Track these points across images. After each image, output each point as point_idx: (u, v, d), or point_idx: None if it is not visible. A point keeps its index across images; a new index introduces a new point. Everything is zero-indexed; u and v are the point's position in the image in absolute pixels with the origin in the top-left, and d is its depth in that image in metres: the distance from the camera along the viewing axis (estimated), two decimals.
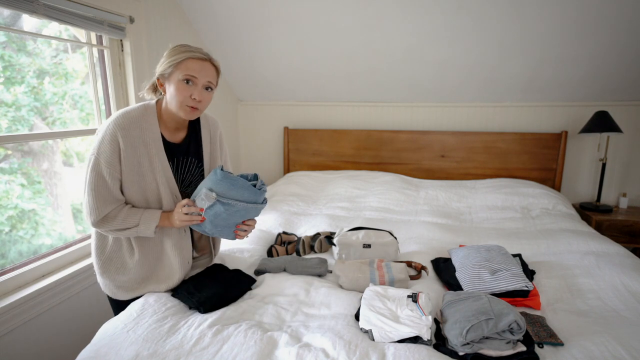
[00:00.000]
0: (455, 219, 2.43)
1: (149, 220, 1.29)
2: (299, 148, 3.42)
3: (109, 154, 1.23)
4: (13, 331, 1.60)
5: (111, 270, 1.38)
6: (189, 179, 1.43)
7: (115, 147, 1.24)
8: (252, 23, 2.69)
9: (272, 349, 1.14)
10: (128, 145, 1.25)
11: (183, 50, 1.26)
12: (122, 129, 1.25)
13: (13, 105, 1.78)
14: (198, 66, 1.26)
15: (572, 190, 3.03)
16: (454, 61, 2.73)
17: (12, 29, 1.73)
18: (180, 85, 1.25)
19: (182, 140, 1.41)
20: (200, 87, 1.27)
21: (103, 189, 1.25)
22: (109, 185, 1.25)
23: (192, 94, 1.26)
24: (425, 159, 3.17)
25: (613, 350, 1.11)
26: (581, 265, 1.71)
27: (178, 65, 1.25)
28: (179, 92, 1.25)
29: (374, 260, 1.63)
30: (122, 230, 1.28)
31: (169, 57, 1.27)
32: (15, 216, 1.81)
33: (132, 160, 1.27)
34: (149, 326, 1.22)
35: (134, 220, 1.28)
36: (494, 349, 1.10)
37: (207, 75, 1.28)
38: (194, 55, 1.26)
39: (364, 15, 2.50)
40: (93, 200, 1.25)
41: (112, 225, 1.27)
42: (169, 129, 1.37)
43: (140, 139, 1.28)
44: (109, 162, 1.24)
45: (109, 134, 1.24)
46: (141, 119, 1.29)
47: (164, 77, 1.29)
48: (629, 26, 2.28)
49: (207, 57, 1.30)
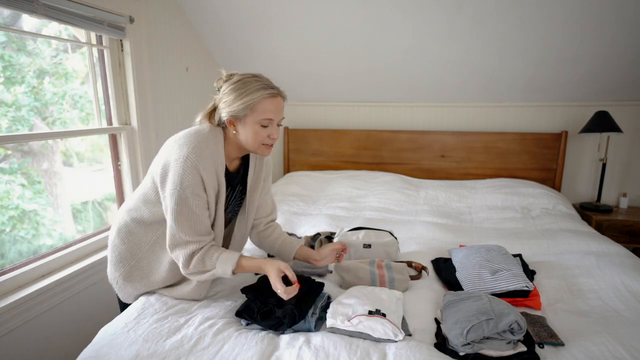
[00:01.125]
0: (456, 219, 2.43)
1: (226, 262, 1.23)
2: (299, 148, 3.42)
3: (195, 185, 1.19)
4: (13, 331, 1.60)
5: (135, 277, 1.37)
6: (233, 206, 1.42)
7: (198, 177, 1.19)
8: (252, 23, 2.69)
9: (273, 349, 1.14)
10: (208, 174, 1.22)
11: (257, 89, 1.20)
12: (201, 159, 1.19)
13: (13, 105, 1.77)
14: (273, 106, 1.22)
15: (572, 190, 3.03)
16: (454, 61, 2.73)
17: (12, 29, 1.73)
18: (257, 128, 1.22)
19: (237, 169, 1.39)
20: (275, 125, 1.26)
21: (195, 222, 1.21)
22: (201, 217, 1.22)
23: (270, 135, 1.25)
24: (425, 159, 3.17)
25: (613, 350, 1.11)
26: (581, 265, 1.71)
27: (253, 107, 1.20)
28: (257, 135, 1.23)
29: (374, 260, 1.63)
30: (203, 272, 1.24)
31: (241, 96, 1.20)
32: (16, 216, 1.81)
33: (210, 191, 1.25)
34: (150, 326, 1.21)
35: (210, 263, 1.23)
36: (494, 349, 1.10)
37: (280, 113, 1.26)
38: (268, 94, 1.21)
39: (364, 15, 2.50)
40: (182, 233, 1.21)
41: (196, 268, 1.23)
42: (230, 158, 1.34)
43: (213, 168, 1.24)
44: (196, 194, 1.20)
45: (189, 166, 1.18)
46: (213, 148, 1.24)
47: (237, 118, 1.23)
48: (629, 26, 2.28)
49: (278, 90, 1.25)
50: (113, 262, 1.39)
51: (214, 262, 1.23)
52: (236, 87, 1.21)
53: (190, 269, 1.24)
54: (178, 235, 1.21)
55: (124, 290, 1.40)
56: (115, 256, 1.38)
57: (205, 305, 1.35)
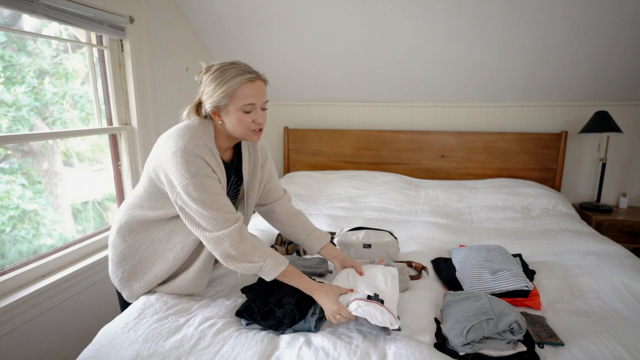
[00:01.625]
0: (456, 219, 2.43)
1: (277, 263, 1.22)
2: (299, 148, 3.42)
3: (204, 169, 1.18)
4: (13, 331, 1.60)
5: (138, 275, 1.38)
6: (229, 197, 1.42)
7: (203, 163, 1.19)
8: (252, 23, 2.69)
9: (273, 349, 1.14)
10: (210, 160, 1.22)
11: (234, 75, 1.19)
12: (196, 146, 1.19)
13: (13, 105, 1.78)
14: (253, 90, 1.21)
15: (572, 190, 3.03)
16: (454, 61, 2.73)
17: (12, 29, 1.73)
18: (241, 115, 1.22)
19: (231, 159, 1.39)
20: (259, 110, 1.25)
21: (220, 202, 1.19)
22: (222, 195, 1.21)
23: (255, 120, 1.24)
24: (426, 159, 3.17)
25: (613, 350, 1.11)
26: (581, 265, 1.71)
27: (233, 94, 1.19)
28: (241, 122, 1.22)
29: (375, 260, 1.63)
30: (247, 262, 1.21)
31: (220, 85, 1.19)
32: (17, 216, 1.81)
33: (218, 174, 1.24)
34: (150, 326, 1.22)
35: (260, 256, 1.21)
36: (494, 349, 1.10)
37: (262, 96, 1.24)
38: (245, 79, 1.19)
39: (364, 15, 2.50)
40: (213, 211, 1.18)
41: (244, 252, 1.21)
42: (221, 149, 1.34)
43: (212, 157, 1.24)
44: (208, 176, 1.19)
45: (190, 154, 1.17)
46: (205, 138, 1.24)
47: (219, 108, 1.23)
48: (629, 26, 2.28)
49: (257, 75, 1.24)
50: (115, 262, 1.39)
51: (265, 258, 1.21)
52: (215, 76, 1.21)
53: (238, 251, 1.19)
54: (214, 217, 1.18)
55: (127, 289, 1.40)
56: (117, 255, 1.38)
57: (205, 305, 1.35)
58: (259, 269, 1.22)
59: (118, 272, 1.39)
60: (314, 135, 3.37)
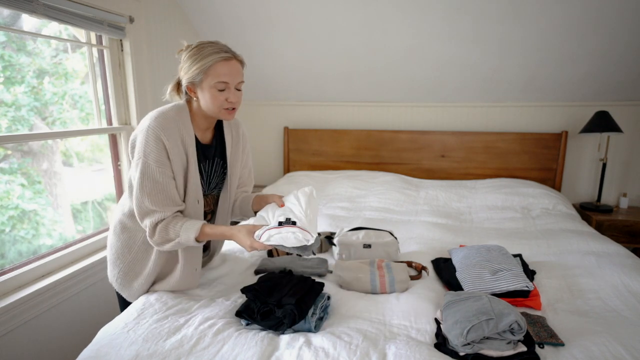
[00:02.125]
0: (456, 219, 2.43)
1: (189, 229, 1.24)
2: (299, 148, 3.42)
3: (157, 154, 1.21)
4: (13, 331, 1.60)
5: (132, 273, 1.38)
6: (215, 180, 1.43)
7: (161, 145, 1.22)
8: (252, 23, 2.69)
9: (273, 349, 1.13)
10: (172, 143, 1.24)
11: (209, 53, 1.22)
12: (163, 128, 1.22)
13: (13, 105, 1.77)
14: (227, 69, 1.23)
15: (572, 190, 3.03)
16: (454, 61, 2.73)
17: (12, 28, 1.73)
18: (214, 92, 1.24)
19: (210, 140, 1.40)
20: (233, 89, 1.27)
21: (159, 191, 1.22)
22: (165, 185, 1.23)
23: (228, 98, 1.26)
24: (425, 159, 3.17)
25: (614, 351, 1.11)
26: (581, 265, 1.71)
27: (207, 71, 1.22)
28: (214, 99, 1.24)
29: (374, 260, 1.63)
30: (168, 241, 1.25)
31: (195, 62, 1.22)
32: (16, 216, 1.81)
33: (176, 158, 1.26)
34: (150, 326, 1.21)
35: (174, 232, 1.24)
36: (494, 349, 1.10)
37: (237, 76, 1.27)
38: (220, 57, 1.22)
39: (364, 15, 2.50)
40: (149, 203, 1.22)
41: (161, 237, 1.24)
42: (201, 129, 1.36)
43: (179, 138, 1.27)
44: (159, 162, 1.22)
45: (151, 135, 1.21)
46: (177, 118, 1.27)
47: (194, 85, 1.26)
48: (629, 26, 2.28)
49: (233, 54, 1.27)
50: (111, 261, 1.41)
51: (178, 230, 1.24)
52: (192, 53, 1.24)
53: (155, 239, 1.25)
54: (144, 204, 1.23)
55: (126, 289, 1.41)
56: (113, 254, 1.40)
57: (205, 305, 1.35)
58: (177, 243, 1.25)
59: (115, 272, 1.40)
60: (314, 135, 3.37)
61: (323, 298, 1.33)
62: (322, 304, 1.31)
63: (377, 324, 1.27)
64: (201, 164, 1.36)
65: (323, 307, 1.31)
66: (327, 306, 1.33)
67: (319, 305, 1.29)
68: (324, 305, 1.32)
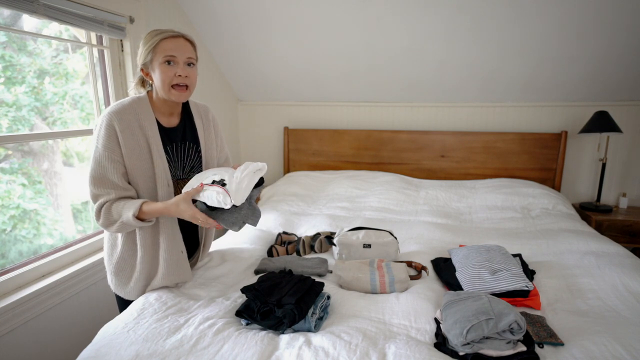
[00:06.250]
0: (455, 219, 2.43)
1: (129, 208, 1.26)
2: (299, 148, 3.42)
3: (106, 139, 1.27)
4: (13, 331, 1.60)
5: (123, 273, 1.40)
6: (190, 164, 1.46)
7: (112, 131, 1.27)
8: (252, 23, 2.70)
9: (273, 349, 1.14)
10: (125, 127, 1.28)
11: (155, 34, 1.30)
12: (115, 113, 1.28)
13: (14, 105, 1.78)
14: (173, 45, 1.29)
15: (572, 190, 3.03)
16: (454, 61, 2.73)
17: (12, 29, 1.73)
18: (163, 67, 1.29)
19: (176, 125, 1.44)
20: (182, 64, 1.31)
21: (102, 175, 1.27)
22: (108, 169, 1.27)
23: (176, 72, 1.30)
24: (425, 159, 3.17)
25: (613, 350, 1.11)
26: (581, 265, 1.71)
27: (154, 49, 1.28)
28: (163, 74, 1.29)
29: (374, 260, 1.63)
30: (112, 223, 1.28)
31: (144, 45, 1.31)
32: (17, 216, 1.81)
33: (131, 142, 1.29)
34: (149, 326, 1.22)
35: (117, 212, 1.27)
36: (494, 349, 1.10)
37: (184, 51, 1.32)
38: (166, 35, 1.29)
39: (364, 15, 2.50)
40: (92, 186, 1.28)
41: (106, 218, 1.28)
42: (164, 115, 1.40)
43: (136, 123, 1.31)
44: (107, 147, 1.27)
45: (104, 122, 1.28)
46: (135, 105, 1.34)
47: (146, 66, 1.33)
48: (628, 26, 2.29)
49: (179, 33, 1.33)
50: (105, 262, 1.44)
51: (120, 211, 1.27)
52: (143, 40, 1.32)
53: (101, 221, 1.29)
54: (91, 187, 1.28)
55: (121, 288, 1.43)
56: (105, 255, 1.43)
57: (205, 305, 1.35)
58: (122, 223, 1.27)
59: (109, 272, 1.43)
60: (313, 135, 3.37)
61: (323, 298, 1.34)
62: (322, 303, 1.31)
63: (377, 324, 1.27)
64: (167, 147, 1.38)
65: (323, 306, 1.31)
66: (327, 306, 1.34)
67: (319, 305, 1.30)
68: (323, 305, 1.32)
